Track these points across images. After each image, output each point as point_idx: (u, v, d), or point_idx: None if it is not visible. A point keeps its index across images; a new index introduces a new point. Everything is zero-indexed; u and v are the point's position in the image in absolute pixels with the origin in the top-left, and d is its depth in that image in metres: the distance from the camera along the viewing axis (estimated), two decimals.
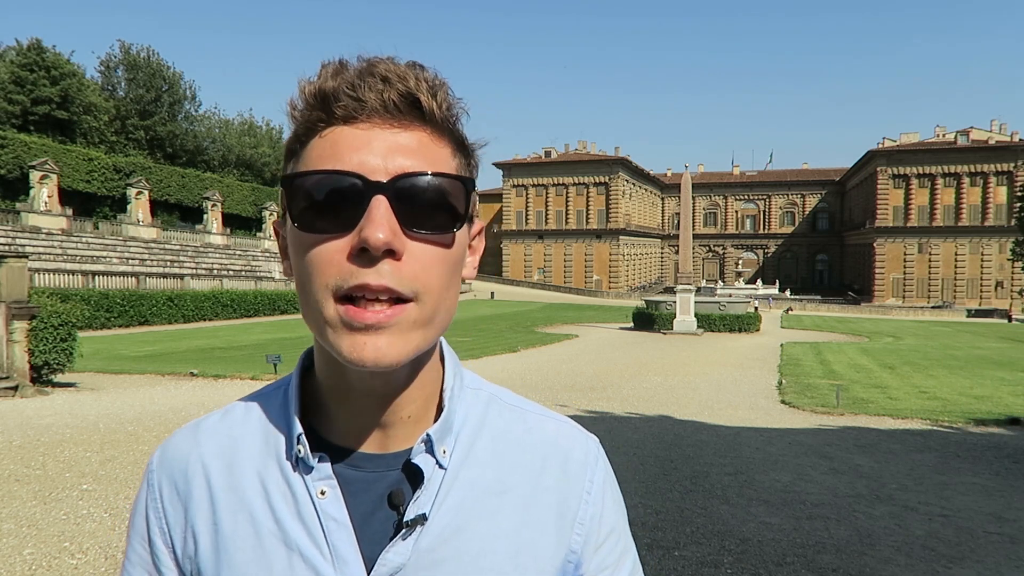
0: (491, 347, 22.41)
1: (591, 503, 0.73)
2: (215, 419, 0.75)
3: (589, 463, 0.75)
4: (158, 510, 0.72)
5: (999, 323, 50.04)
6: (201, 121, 64.08)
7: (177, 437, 0.75)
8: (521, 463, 0.72)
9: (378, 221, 0.59)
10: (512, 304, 53.44)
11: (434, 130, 0.64)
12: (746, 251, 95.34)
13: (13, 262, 12.42)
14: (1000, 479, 7.50)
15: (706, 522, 5.79)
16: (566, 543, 0.71)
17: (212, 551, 0.68)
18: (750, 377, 16.67)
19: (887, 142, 76.91)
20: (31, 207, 39.24)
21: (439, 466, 0.68)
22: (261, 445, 0.71)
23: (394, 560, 0.65)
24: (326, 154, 0.62)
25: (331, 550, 0.65)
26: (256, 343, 22.98)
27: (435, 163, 0.63)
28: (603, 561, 0.74)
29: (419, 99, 0.62)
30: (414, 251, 0.61)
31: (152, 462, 0.75)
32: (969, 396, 13.86)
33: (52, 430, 8.98)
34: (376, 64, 0.63)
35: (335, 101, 0.62)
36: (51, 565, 4.74)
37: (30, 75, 46.86)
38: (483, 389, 0.77)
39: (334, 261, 0.60)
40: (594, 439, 0.79)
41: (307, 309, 0.63)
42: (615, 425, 10.18)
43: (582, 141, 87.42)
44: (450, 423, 0.70)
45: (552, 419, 0.77)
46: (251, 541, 0.67)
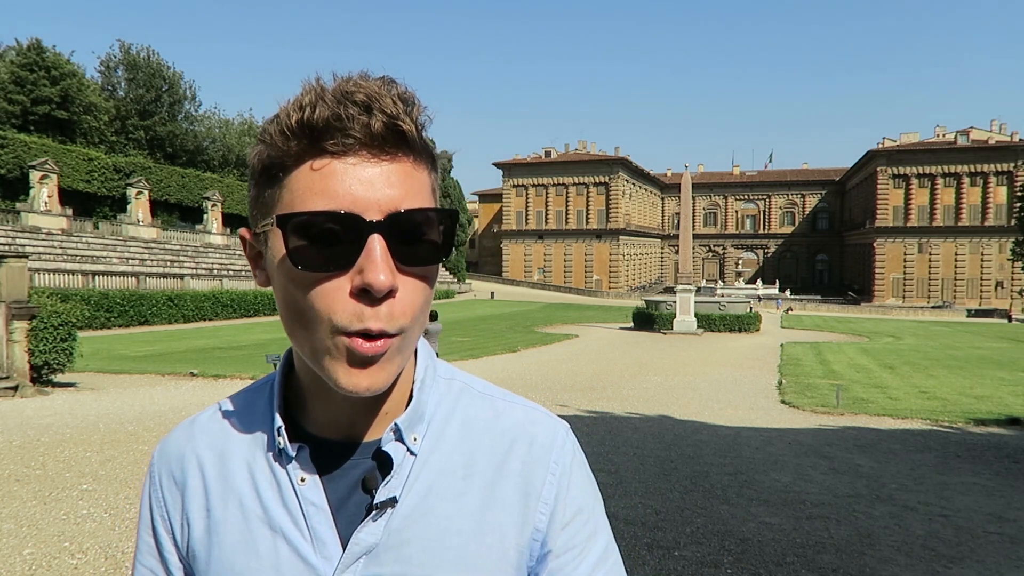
0: (491, 347, 22.42)
1: (555, 483, 0.76)
2: (209, 414, 0.81)
3: (556, 445, 0.78)
4: (159, 500, 0.78)
5: (999, 323, 50.05)
6: (201, 121, 64.02)
7: (175, 432, 0.81)
8: (488, 447, 0.76)
9: (379, 263, 0.62)
10: (512, 304, 53.45)
11: (415, 156, 0.67)
12: (746, 251, 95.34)
13: (13, 262, 12.42)
14: (1000, 479, 7.50)
15: (706, 522, 5.79)
16: (531, 522, 0.74)
17: (205, 535, 0.74)
18: (750, 377, 16.68)
19: (887, 142, 76.91)
20: (31, 207, 39.23)
21: (410, 452, 0.73)
22: (249, 437, 0.77)
23: (366, 540, 0.70)
24: (316, 189, 0.64)
25: (311, 532, 0.71)
26: (256, 343, 22.97)
27: (421, 192, 0.67)
28: (570, 540, 0.75)
29: (402, 128, 0.65)
30: (405, 285, 0.66)
31: (154, 456, 0.81)
32: (969, 396, 13.87)
33: (52, 430, 8.99)
34: (354, 90, 0.64)
35: (324, 136, 0.64)
36: (51, 565, 4.74)
37: (30, 75, 46.81)
38: (455, 379, 0.81)
39: (337, 300, 0.64)
40: (563, 423, 0.81)
41: (301, 336, 0.67)
42: (615, 425, 10.18)
43: (582, 141, 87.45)
44: (420, 412, 0.75)
45: (520, 405, 0.80)
46: (239, 525, 0.73)
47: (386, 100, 0.64)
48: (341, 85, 0.65)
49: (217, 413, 0.80)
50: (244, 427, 0.78)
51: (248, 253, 0.74)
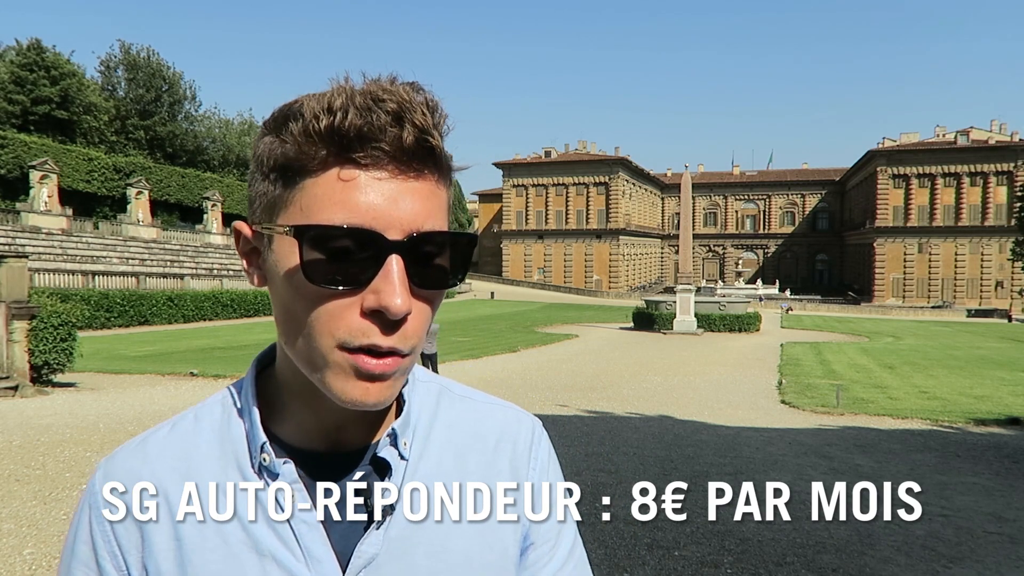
0: (491, 347, 22.41)
1: (536, 479, 0.78)
2: (163, 433, 0.74)
3: (534, 443, 0.80)
4: (106, 535, 0.69)
5: (999, 323, 50.06)
6: (201, 121, 64.07)
7: (121, 454, 0.73)
8: (476, 449, 0.76)
9: (396, 286, 0.60)
10: (512, 304, 53.45)
11: (440, 174, 0.65)
12: (746, 251, 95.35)
13: (13, 262, 12.43)
14: (1000, 479, 7.50)
15: (706, 522, 5.79)
16: (522, 518, 0.76)
17: (177, 568, 0.67)
18: (750, 377, 16.68)
19: (887, 142, 76.92)
20: (31, 207, 39.21)
21: (401, 457, 0.72)
22: (217, 454, 0.71)
23: (368, 551, 0.68)
24: (336, 199, 0.60)
25: (304, 551, 0.67)
26: (256, 343, 22.96)
27: (440, 211, 0.65)
28: (547, 532, 0.77)
29: (432, 145, 0.62)
30: (417, 307, 0.63)
31: (95, 483, 0.71)
32: (969, 396, 13.87)
33: (52, 430, 8.99)
34: (385, 97, 0.61)
35: (353, 147, 0.60)
36: (51, 565, 4.74)
37: (30, 75, 46.84)
38: (432, 381, 0.80)
39: (344, 316, 0.61)
40: (537, 420, 0.83)
41: (302, 347, 0.63)
42: (615, 425, 10.18)
43: (582, 141, 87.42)
44: (409, 416, 0.74)
45: (500, 406, 0.81)
46: (220, 552, 0.67)
47: (416, 111, 0.61)
48: (371, 89, 0.62)
49: (173, 430, 0.73)
50: (209, 443, 0.71)
51: (241, 249, 0.69)
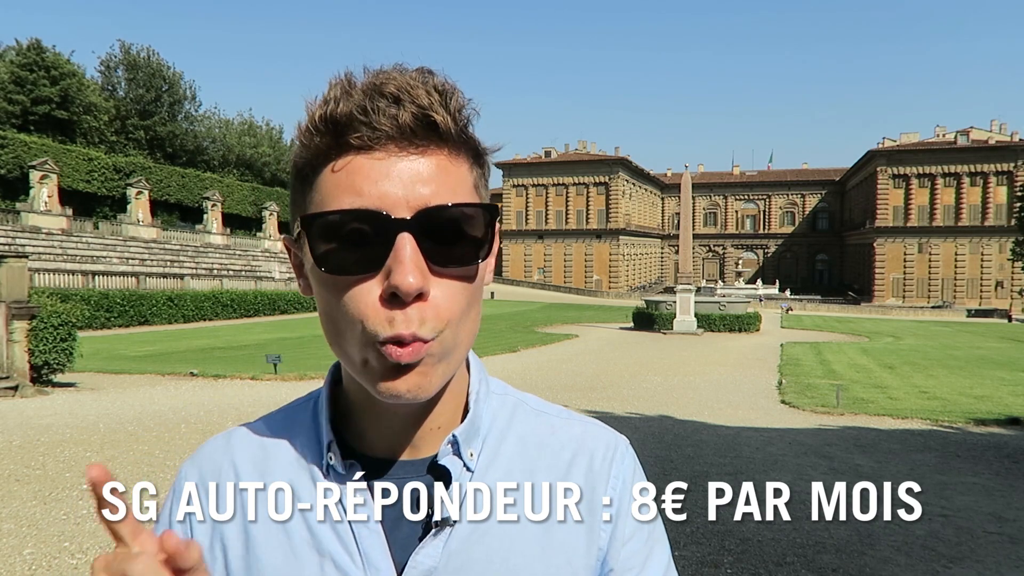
0: (491, 347, 22.40)
1: (616, 499, 0.73)
2: (247, 430, 0.76)
3: (616, 460, 0.75)
4: (187, 518, 0.72)
5: (999, 323, 50.03)
6: (201, 121, 64.07)
7: (209, 446, 0.76)
8: (548, 464, 0.72)
9: (407, 264, 0.59)
10: (512, 304, 53.42)
11: (451, 149, 0.63)
12: (746, 251, 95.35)
13: (13, 262, 12.43)
14: (1000, 479, 7.50)
15: (706, 522, 5.79)
16: (596, 541, 0.71)
17: (242, 558, 0.69)
18: (750, 377, 16.68)
19: (887, 142, 76.92)
20: (31, 207, 39.21)
21: (467, 468, 0.69)
22: (293, 454, 0.72)
23: (424, 562, 0.66)
24: (342, 187, 0.61)
25: (362, 556, 0.66)
26: (256, 343, 22.97)
27: (455, 188, 0.62)
28: (630, 558, 0.73)
29: (435, 120, 0.61)
30: (439, 286, 0.61)
31: (182, 471, 0.75)
32: (969, 396, 13.87)
33: (52, 430, 8.99)
34: (385, 82, 0.61)
35: (348, 131, 0.60)
36: (51, 565, 4.74)
37: (30, 75, 46.84)
38: (509, 395, 0.77)
39: (368, 305, 0.60)
40: (623, 438, 0.78)
41: (338, 343, 0.64)
42: (615, 425, 9.97)
43: (582, 141, 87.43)
44: (477, 426, 0.71)
45: (579, 421, 0.78)
46: (283, 548, 0.68)
47: (419, 91, 0.60)
48: (371, 78, 0.61)
49: (256, 428, 0.76)
50: (287, 443, 0.73)
51: (293, 262, 0.70)
